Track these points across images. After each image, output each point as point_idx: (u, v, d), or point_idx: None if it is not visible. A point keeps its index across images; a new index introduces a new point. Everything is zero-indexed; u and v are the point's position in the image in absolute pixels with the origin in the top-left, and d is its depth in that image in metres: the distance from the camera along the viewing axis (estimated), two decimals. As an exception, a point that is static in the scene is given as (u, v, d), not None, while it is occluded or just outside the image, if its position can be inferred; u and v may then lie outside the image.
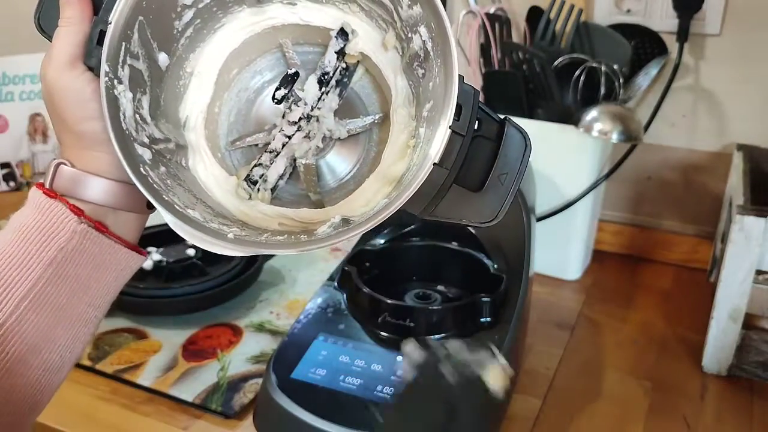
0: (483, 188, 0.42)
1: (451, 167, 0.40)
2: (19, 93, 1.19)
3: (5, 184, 1.20)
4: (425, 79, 0.43)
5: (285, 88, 0.47)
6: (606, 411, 0.71)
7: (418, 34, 0.42)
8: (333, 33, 0.46)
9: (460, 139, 0.40)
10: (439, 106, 0.41)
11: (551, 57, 0.89)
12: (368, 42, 0.46)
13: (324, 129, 0.47)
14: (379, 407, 0.59)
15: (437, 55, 0.41)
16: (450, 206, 0.42)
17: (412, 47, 0.43)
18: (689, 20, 0.89)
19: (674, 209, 1.01)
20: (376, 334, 0.67)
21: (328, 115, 0.47)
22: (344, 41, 0.46)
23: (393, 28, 0.44)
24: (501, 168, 0.42)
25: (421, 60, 0.43)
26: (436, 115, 0.41)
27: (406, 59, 0.44)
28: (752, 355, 0.74)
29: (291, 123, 0.47)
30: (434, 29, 0.40)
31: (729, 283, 0.72)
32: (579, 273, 0.97)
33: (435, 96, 0.42)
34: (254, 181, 0.48)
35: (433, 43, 0.41)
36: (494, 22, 0.92)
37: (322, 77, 0.47)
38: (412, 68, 0.44)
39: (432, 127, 0.41)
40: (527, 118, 0.90)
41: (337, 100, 0.47)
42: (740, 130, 0.94)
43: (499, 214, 0.42)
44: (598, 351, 0.81)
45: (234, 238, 0.41)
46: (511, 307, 0.69)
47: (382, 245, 0.77)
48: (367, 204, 0.45)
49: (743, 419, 0.70)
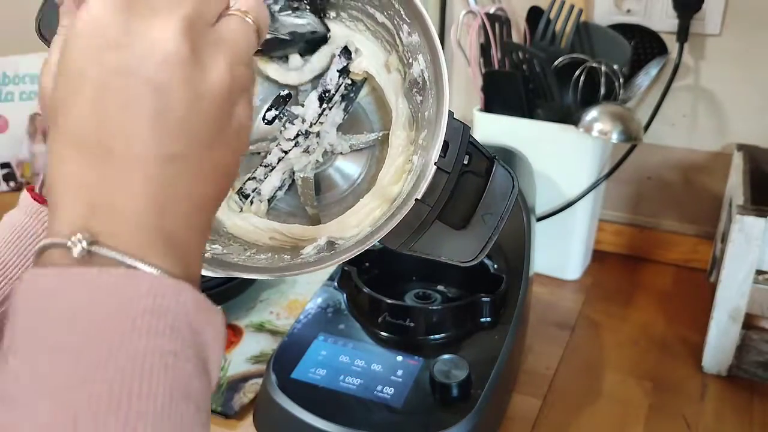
0: (466, 227, 0.41)
1: (434, 204, 0.40)
2: (19, 93, 1.19)
3: (5, 184, 1.20)
4: (422, 106, 0.43)
5: (276, 109, 0.46)
6: (606, 411, 0.71)
7: (417, 61, 0.42)
8: (336, 52, 0.46)
9: (446, 175, 0.39)
10: (429, 137, 0.40)
11: (551, 57, 0.89)
12: (372, 61, 0.46)
13: (325, 144, 0.47)
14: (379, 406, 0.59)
15: (432, 86, 0.41)
16: (431, 242, 0.41)
17: (411, 73, 0.43)
18: (689, 20, 0.89)
19: (674, 209, 1.01)
20: (376, 334, 0.67)
21: (331, 130, 0.47)
22: (347, 60, 0.46)
23: (396, 50, 0.44)
24: (486, 207, 0.41)
25: (420, 87, 0.43)
26: (428, 145, 0.41)
27: (407, 83, 0.45)
28: (752, 355, 0.74)
29: (287, 140, 0.47)
30: (429, 61, 0.40)
31: (729, 283, 0.72)
32: (579, 273, 0.97)
33: (429, 126, 0.42)
34: (246, 195, 0.47)
35: (430, 73, 0.41)
36: (494, 22, 0.92)
37: (323, 94, 0.46)
38: (411, 93, 0.44)
39: (424, 157, 0.41)
40: (527, 118, 0.90)
41: (342, 115, 0.47)
42: (740, 130, 0.94)
43: (480, 255, 0.42)
44: (598, 351, 0.81)
45: (211, 258, 0.41)
46: (511, 307, 0.69)
47: (382, 245, 0.77)
48: (358, 224, 0.44)
49: (743, 419, 0.70)
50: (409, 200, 0.39)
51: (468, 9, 0.93)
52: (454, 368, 0.60)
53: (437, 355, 0.61)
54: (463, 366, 0.60)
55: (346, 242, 0.42)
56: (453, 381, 0.59)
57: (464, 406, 0.58)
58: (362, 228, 0.44)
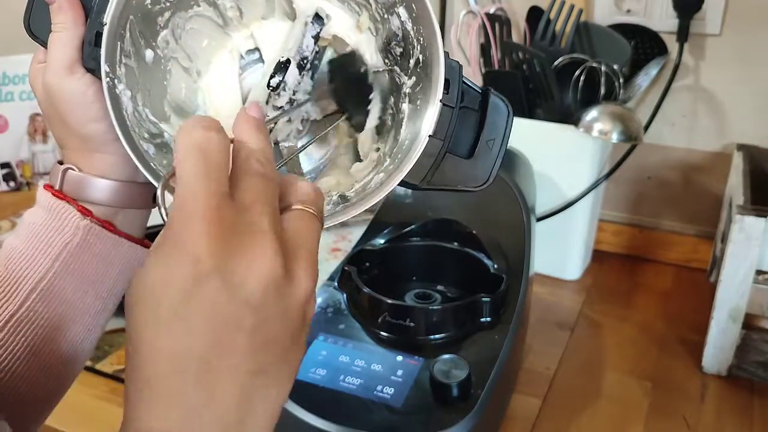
0: (473, 155, 0.45)
1: (445, 137, 0.43)
2: (19, 93, 1.19)
3: (5, 184, 1.20)
4: (404, 57, 0.45)
5: (279, 75, 0.47)
6: (606, 411, 0.71)
7: (396, 15, 0.43)
8: (308, 19, 0.47)
9: (450, 110, 0.42)
10: (425, 81, 0.43)
11: (551, 57, 0.89)
12: (341, 25, 0.47)
13: (302, 111, 0.49)
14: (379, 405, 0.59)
15: (419, 34, 0.42)
16: (445, 174, 0.44)
17: (388, 27, 0.45)
18: (689, 20, 0.89)
19: (674, 209, 1.01)
20: (376, 334, 0.67)
21: (304, 97, 0.48)
22: (320, 26, 0.47)
23: (367, 10, 0.46)
24: (488, 134, 0.45)
25: (399, 39, 0.45)
26: (420, 90, 0.43)
27: (382, 39, 0.46)
28: (752, 355, 0.74)
29: (276, 108, 0.48)
30: (415, 10, 0.42)
31: (729, 283, 0.72)
32: (579, 273, 0.97)
33: (417, 73, 0.44)
34: None
35: (414, 23, 0.43)
36: (494, 22, 0.92)
37: (302, 61, 0.48)
38: (389, 47, 0.46)
39: (417, 102, 0.43)
40: (527, 118, 0.90)
41: (311, 83, 0.48)
42: (740, 130, 0.94)
43: (491, 177, 0.45)
44: (598, 351, 0.81)
45: None
46: (511, 307, 0.69)
47: (382, 245, 0.77)
48: (364, 170, 0.46)
49: (743, 419, 0.70)
50: (421, 137, 0.42)
51: (468, 9, 0.93)
52: (454, 368, 0.60)
53: (437, 355, 0.61)
54: (463, 366, 0.60)
55: (360, 194, 0.44)
56: (453, 381, 0.58)
57: (464, 406, 0.58)
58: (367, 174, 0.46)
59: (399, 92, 0.46)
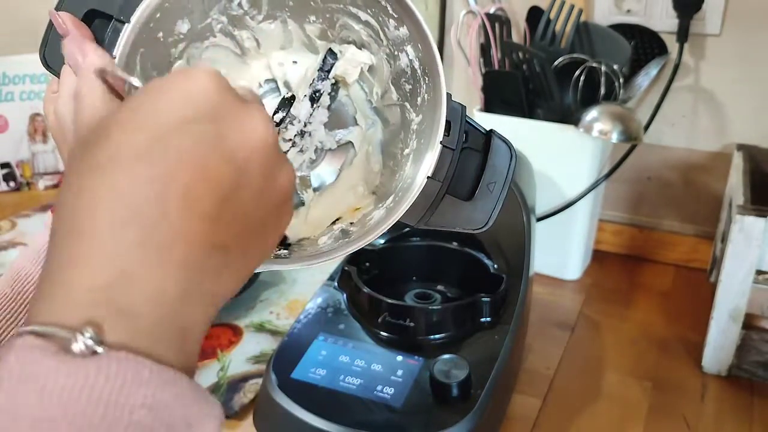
0: (473, 197, 0.45)
1: (444, 179, 0.43)
2: (19, 93, 1.19)
3: (5, 184, 1.20)
4: (412, 95, 0.45)
5: (282, 111, 0.48)
6: (606, 411, 0.71)
7: (405, 53, 0.44)
8: (322, 54, 0.47)
9: (450, 152, 0.43)
10: (429, 121, 0.43)
11: (551, 57, 0.89)
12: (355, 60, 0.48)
13: (316, 141, 0.49)
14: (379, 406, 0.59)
15: (425, 74, 0.43)
16: (443, 215, 0.45)
17: (398, 64, 0.45)
18: (689, 20, 0.89)
19: (674, 209, 1.01)
20: (376, 334, 0.67)
21: (319, 128, 0.49)
22: (333, 60, 0.48)
23: (379, 46, 0.46)
24: (489, 177, 0.45)
25: (408, 76, 0.45)
26: (426, 128, 0.44)
27: (393, 75, 0.47)
28: (752, 355, 0.74)
29: (286, 140, 0.48)
30: (421, 50, 0.42)
31: (729, 283, 0.72)
32: (579, 273, 0.97)
33: (424, 111, 0.44)
34: None
35: (420, 62, 0.43)
36: (494, 22, 0.92)
37: (314, 94, 0.48)
38: (399, 83, 0.46)
39: (423, 140, 0.44)
40: (527, 118, 0.90)
41: (327, 113, 0.49)
42: (740, 130, 0.94)
43: (490, 220, 0.45)
44: (598, 351, 0.81)
45: None
46: (511, 307, 0.69)
47: (382, 245, 0.77)
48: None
49: (743, 419, 0.70)
50: (420, 178, 0.42)
51: (468, 9, 0.93)
52: (454, 368, 0.60)
53: (437, 355, 0.61)
54: (463, 366, 0.60)
55: (361, 227, 0.45)
56: (453, 381, 0.58)
57: (464, 406, 0.58)
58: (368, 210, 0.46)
59: (408, 128, 0.46)
